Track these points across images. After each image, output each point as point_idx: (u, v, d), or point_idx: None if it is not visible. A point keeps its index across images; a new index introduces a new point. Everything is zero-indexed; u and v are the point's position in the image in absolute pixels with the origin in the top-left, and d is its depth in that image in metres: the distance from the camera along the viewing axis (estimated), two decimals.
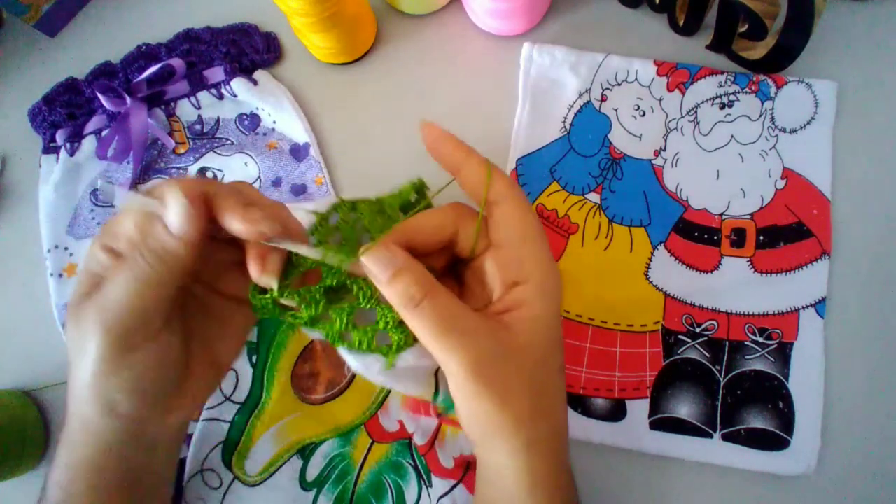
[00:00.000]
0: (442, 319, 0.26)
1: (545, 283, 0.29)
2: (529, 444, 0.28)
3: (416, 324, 0.27)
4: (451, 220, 0.30)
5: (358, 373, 0.30)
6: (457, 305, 0.27)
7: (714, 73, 0.46)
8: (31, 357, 0.48)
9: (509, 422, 0.27)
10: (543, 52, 0.48)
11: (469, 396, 0.27)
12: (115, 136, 0.48)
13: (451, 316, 0.27)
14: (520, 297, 0.28)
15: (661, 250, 0.45)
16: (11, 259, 0.50)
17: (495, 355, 0.27)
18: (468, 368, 0.26)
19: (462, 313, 0.27)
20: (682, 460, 0.42)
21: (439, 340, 0.26)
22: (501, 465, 0.28)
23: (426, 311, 0.26)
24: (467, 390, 0.27)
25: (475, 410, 0.27)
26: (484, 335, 0.27)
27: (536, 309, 0.28)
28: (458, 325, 0.27)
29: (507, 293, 0.29)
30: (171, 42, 0.51)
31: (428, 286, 0.27)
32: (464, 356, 0.26)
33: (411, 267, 0.27)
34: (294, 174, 0.49)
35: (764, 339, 0.42)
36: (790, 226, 0.44)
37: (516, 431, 0.27)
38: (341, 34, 0.46)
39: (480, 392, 0.26)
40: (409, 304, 0.27)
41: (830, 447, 0.41)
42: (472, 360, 0.26)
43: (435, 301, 0.27)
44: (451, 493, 0.40)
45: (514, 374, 0.27)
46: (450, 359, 0.26)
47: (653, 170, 0.46)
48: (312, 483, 0.42)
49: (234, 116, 0.50)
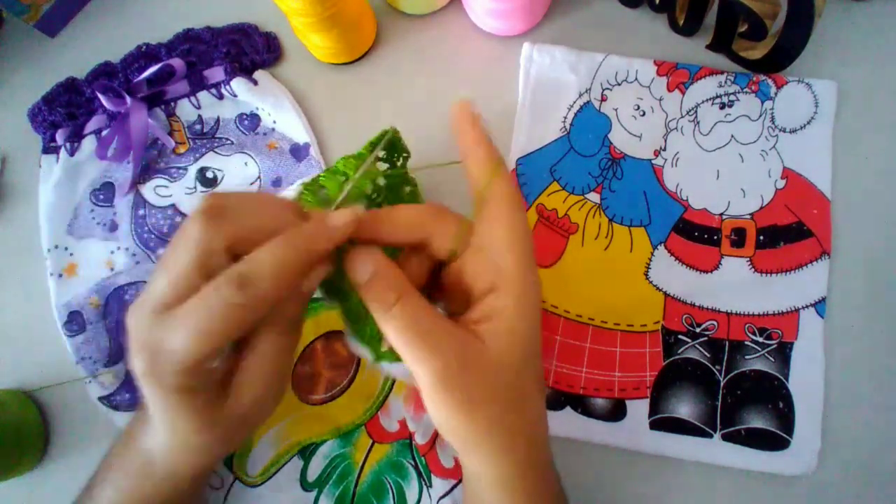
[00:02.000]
0: (412, 326, 0.26)
1: (524, 294, 0.28)
2: (501, 454, 0.27)
3: (387, 328, 0.26)
4: (423, 222, 0.29)
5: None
6: (428, 313, 0.27)
7: (714, 73, 0.47)
8: (31, 357, 0.48)
9: (477, 432, 0.27)
10: (543, 52, 0.48)
11: (436, 405, 0.26)
12: (115, 136, 0.48)
13: (422, 323, 0.26)
14: (496, 307, 0.28)
15: (661, 250, 0.45)
16: (11, 259, 0.50)
17: (464, 365, 0.26)
18: (435, 377, 0.26)
19: (433, 321, 0.27)
20: (681, 460, 0.42)
21: (408, 347, 0.26)
22: (478, 473, 0.28)
23: (397, 317, 0.26)
24: (435, 399, 0.26)
25: (443, 419, 0.27)
26: (454, 344, 0.26)
27: (512, 320, 0.27)
28: (428, 333, 0.26)
29: (483, 300, 0.28)
30: (171, 42, 0.51)
31: (401, 290, 0.27)
32: (431, 365, 0.26)
33: (386, 270, 0.27)
34: (294, 174, 0.49)
35: (764, 339, 0.43)
36: (790, 226, 0.44)
37: (485, 441, 0.27)
38: (341, 34, 0.46)
39: (447, 401, 0.26)
40: (381, 308, 0.26)
41: (830, 447, 0.41)
42: (440, 370, 0.26)
43: (406, 306, 0.26)
44: (451, 493, 0.40)
45: (483, 385, 0.27)
46: (417, 366, 0.26)
47: (653, 170, 0.46)
48: (313, 483, 0.42)
49: (234, 116, 0.50)
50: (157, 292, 0.24)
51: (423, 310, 0.27)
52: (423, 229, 0.29)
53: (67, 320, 0.47)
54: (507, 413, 0.27)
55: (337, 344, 0.44)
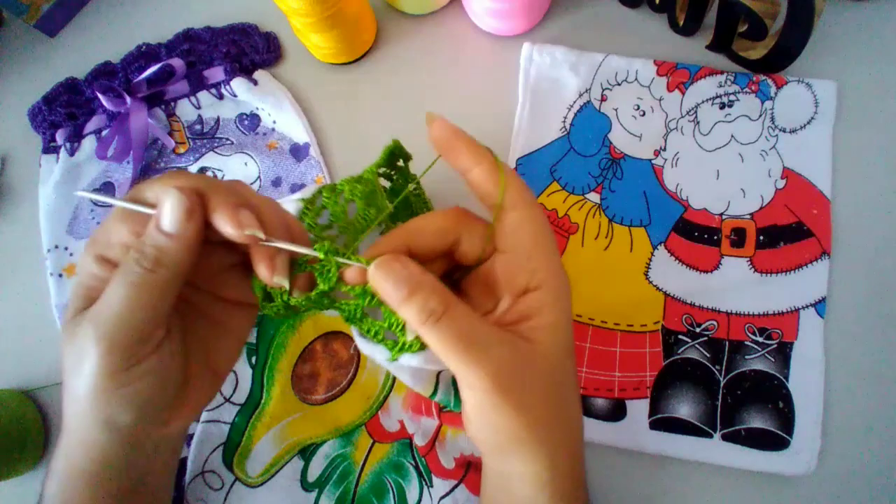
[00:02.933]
0: (462, 334, 0.26)
1: (559, 289, 0.28)
2: (550, 452, 0.27)
3: (435, 339, 0.26)
4: (453, 226, 0.29)
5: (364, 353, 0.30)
6: (475, 318, 0.27)
7: (714, 73, 0.47)
8: (31, 357, 0.48)
9: (531, 431, 0.27)
10: (543, 52, 0.48)
11: (490, 409, 0.26)
12: (115, 136, 0.48)
13: (471, 330, 0.26)
14: (534, 305, 0.28)
15: (661, 250, 0.45)
16: (11, 259, 0.50)
17: (515, 367, 0.26)
18: (490, 382, 0.26)
19: (480, 326, 0.26)
20: (682, 460, 0.42)
21: (460, 356, 0.26)
22: (520, 473, 0.28)
23: (445, 327, 0.26)
24: (489, 403, 0.26)
25: (496, 422, 0.27)
26: (503, 347, 0.26)
27: (552, 316, 0.28)
28: (478, 339, 0.26)
29: (519, 301, 0.28)
30: (171, 42, 0.51)
31: (447, 299, 0.26)
32: (485, 370, 0.26)
33: (427, 281, 0.26)
34: (294, 174, 0.49)
35: (764, 339, 0.43)
36: (790, 226, 0.44)
37: (538, 440, 0.27)
38: (341, 34, 0.46)
39: (502, 404, 0.26)
40: (427, 321, 0.26)
41: (830, 447, 0.41)
42: (493, 374, 0.26)
43: (454, 316, 0.26)
44: (452, 493, 0.40)
45: (534, 384, 0.27)
46: (470, 373, 0.26)
47: (653, 170, 0.46)
48: (314, 484, 0.42)
49: (234, 116, 0.50)
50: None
51: (469, 316, 0.26)
52: (454, 234, 0.29)
53: None
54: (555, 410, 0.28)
55: (336, 344, 0.44)
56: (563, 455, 0.28)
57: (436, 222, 0.29)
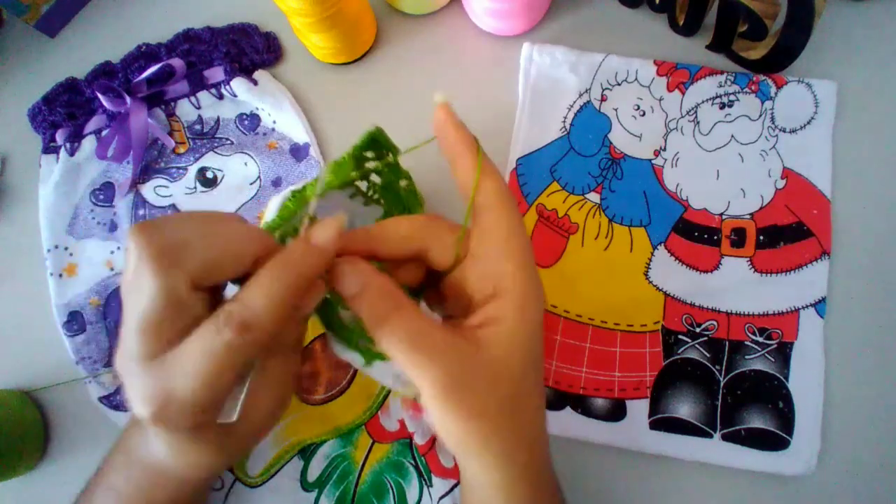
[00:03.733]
0: (410, 335, 0.26)
1: (524, 299, 0.28)
2: (505, 459, 0.27)
3: (384, 341, 0.26)
4: (421, 233, 0.29)
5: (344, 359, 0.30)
6: (424, 322, 0.26)
7: (714, 73, 0.47)
8: (31, 357, 0.48)
9: (479, 438, 0.27)
10: (543, 52, 0.48)
11: (439, 413, 0.26)
12: (115, 136, 0.48)
13: (420, 331, 0.26)
14: (496, 313, 0.27)
15: (661, 250, 0.45)
16: (11, 259, 0.50)
17: (465, 373, 0.26)
18: (437, 386, 0.26)
19: (430, 330, 0.26)
20: (682, 460, 0.42)
21: (408, 356, 0.26)
22: (476, 477, 0.28)
23: (393, 329, 0.26)
24: (437, 407, 0.26)
25: (445, 426, 0.27)
26: (453, 352, 0.26)
27: (512, 325, 0.27)
28: (427, 343, 0.26)
29: (483, 307, 0.28)
30: (171, 42, 0.51)
31: (395, 302, 0.26)
32: (432, 374, 0.25)
33: (376, 283, 0.26)
34: (294, 174, 0.49)
35: (764, 339, 0.43)
36: (790, 226, 0.44)
37: (487, 448, 0.27)
38: (341, 34, 0.46)
39: (449, 409, 0.26)
40: (375, 322, 0.26)
41: (830, 447, 0.41)
42: (441, 378, 0.25)
43: (402, 318, 0.26)
44: (451, 492, 0.40)
45: (484, 392, 0.26)
46: (418, 376, 0.26)
47: (653, 170, 0.46)
48: (314, 483, 0.42)
49: (234, 116, 0.50)
50: (136, 343, 0.24)
51: (418, 319, 0.26)
52: (419, 241, 0.29)
53: (67, 320, 0.47)
54: (508, 419, 0.27)
55: None
56: (519, 463, 0.28)
57: (401, 229, 0.29)
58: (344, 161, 0.31)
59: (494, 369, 0.27)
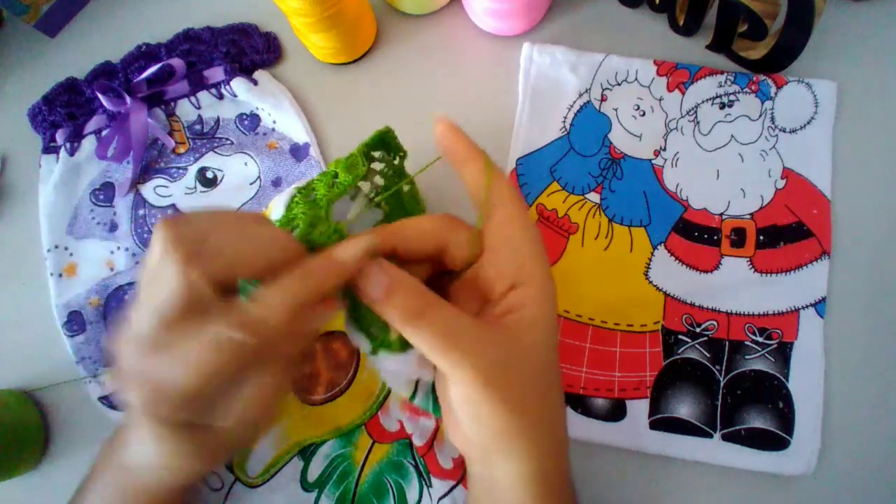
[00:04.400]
0: (446, 332, 0.26)
1: (545, 285, 0.28)
2: (537, 450, 0.27)
3: (419, 338, 0.26)
4: (439, 231, 0.29)
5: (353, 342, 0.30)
6: (457, 315, 0.27)
7: (714, 73, 0.47)
8: (31, 357, 0.48)
9: (518, 426, 0.27)
10: (543, 52, 0.48)
11: (478, 403, 0.26)
12: (115, 136, 0.48)
13: (455, 327, 0.26)
14: (520, 300, 0.28)
15: (661, 250, 0.45)
16: (11, 259, 0.50)
17: (504, 361, 0.26)
18: (479, 377, 0.25)
19: (465, 322, 0.26)
20: (682, 460, 0.42)
21: (446, 353, 0.26)
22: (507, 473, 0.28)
23: (428, 325, 0.26)
24: (476, 397, 0.26)
25: (484, 417, 0.26)
26: (489, 342, 0.26)
27: (536, 311, 0.28)
28: (462, 335, 0.26)
29: (506, 296, 0.28)
30: (171, 42, 0.51)
31: (427, 298, 0.26)
32: (473, 366, 0.25)
33: (406, 281, 0.27)
34: (294, 174, 0.49)
35: (764, 339, 0.43)
36: (790, 226, 0.44)
37: (526, 436, 0.27)
38: (341, 34, 0.46)
39: (490, 398, 0.26)
40: (409, 320, 0.26)
41: (830, 447, 0.41)
42: (482, 369, 0.26)
43: (436, 313, 0.26)
44: (450, 493, 0.40)
45: (520, 378, 0.27)
46: (458, 370, 0.26)
47: (653, 170, 0.46)
48: (314, 484, 0.42)
49: (234, 116, 0.50)
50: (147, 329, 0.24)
51: (453, 312, 0.27)
52: (440, 239, 0.29)
53: (67, 320, 0.47)
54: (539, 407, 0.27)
55: (337, 344, 0.44)
56: (549, 453, 0.28)
57: (422, 226, 0.29)
58: (355, 158, 0.31)
59: (525, 355, 0.27)
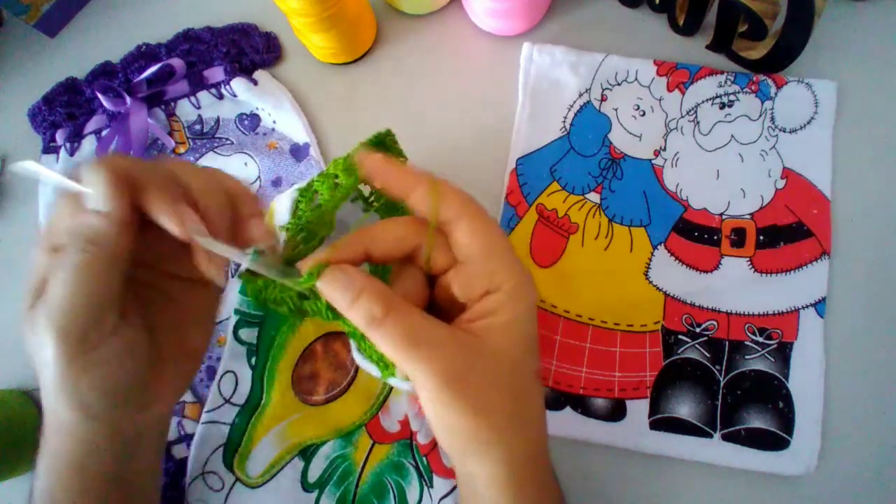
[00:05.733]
0: (407, 333, 0.26)
1: (516, 288, 0.28)
2: (510, 452, 0.27)
3: (382, 341, 0.26)
4: (413, 232, 0.29)
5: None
6: (421, 318, 0.27)
7: (714, 73, 0.47)
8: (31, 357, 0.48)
9: (487, 430, 0.27)
10: (543, 52, 0.48)
11: (442, 407, 0.26)
12: (115, 135, 0.48)
13: (416, 329, 0.26)
14: (492, 306, 0.28)
15: (661, 250, 0.45)
16: (11, 259, 0.50)
17: (466, 364, 0.26)
18: (439, 379, 0.25)
19: (427, 325, 0.26)
20: (682, 460, 0.42)
21: (406, 354, 0.26)
22: (483, 476, 0.28)
23: (389, 328, 0.26)
24: (440, 401, 0.26)
25: (450, 422, 0.27)
26: (452, 345, 0.26)
27: (507, 314, 0.27)
28: (425, 338, 0.26)
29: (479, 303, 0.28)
30: (171, 42, 0.51)
31: (389, 302, 0.26)
32: (433, 368, 0.25)
33: (370, 286, 0.27)
34: (294, 174, 0.49)
35: (764, 339, 0.43)
36: (790, 226, 0.44)
37: (496, 440, 0.27)
38: (341, 34, 0.46)
39: (454, 402, 0.26)
40: (372, 324, 0.26)
41: (830, 447, 0.41)
42: (442, 371, 0.26)
43: (398, 316, 0.26)
44: (452, 493, 0.40)
45: (487, 382, 0.27)
46: (418, 371, 0.26)
47: (653, 170, 0.46)
48: (314, 484, 0.42)
49: (234, 116, 0.50)
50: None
51: (415, 315, 0.27)
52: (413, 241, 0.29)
53: None
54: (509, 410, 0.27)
55: (337, 344, 0.44)
56: (521, 455, 0.28)
57: (396, 229, 0.29)
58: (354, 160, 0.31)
59: (494, 359, 0.27)
